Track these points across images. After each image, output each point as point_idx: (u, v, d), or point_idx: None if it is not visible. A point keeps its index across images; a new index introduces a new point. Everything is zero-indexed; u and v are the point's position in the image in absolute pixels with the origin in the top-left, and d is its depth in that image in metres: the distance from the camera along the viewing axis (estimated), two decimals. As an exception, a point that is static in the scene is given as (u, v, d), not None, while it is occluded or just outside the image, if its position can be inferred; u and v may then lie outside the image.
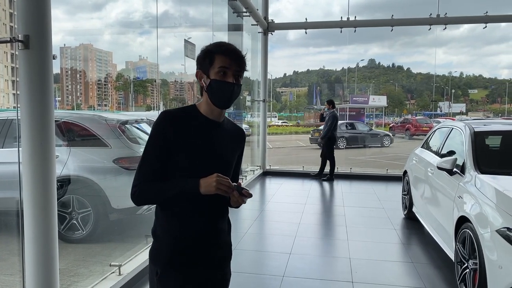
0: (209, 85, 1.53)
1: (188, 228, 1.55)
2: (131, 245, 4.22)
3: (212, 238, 1.60)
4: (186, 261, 1.55)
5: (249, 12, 7.43)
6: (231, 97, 1.53)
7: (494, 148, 4.33)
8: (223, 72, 1.51)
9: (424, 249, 4.54)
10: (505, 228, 2.70)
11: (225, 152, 1.61)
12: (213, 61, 1.51)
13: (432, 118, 31.05)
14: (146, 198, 1.55)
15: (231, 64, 1.51)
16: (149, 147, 1.53)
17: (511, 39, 73.50)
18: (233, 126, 1.72)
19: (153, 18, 4.45)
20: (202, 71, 1.55)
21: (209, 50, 1.53)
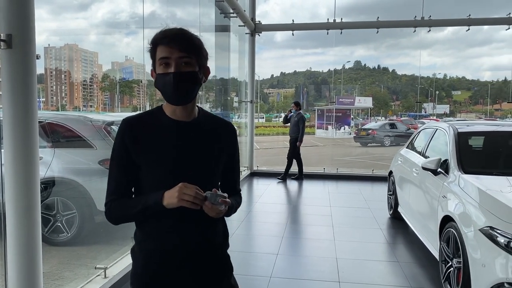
0: (155, 82, 1.35)
1: (161, 246, 1.38)
2: (117, 247, 4.17)
3: (195, 256, 1.41)
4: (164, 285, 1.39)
5: (236, 13, 7.43)
6: (177, 89, 1.31)
7: (477, 148, 4.42)
8: (165, 63, 1.31)
9: (410, 248, 4.59)
10: (488, 227, 2.75)
11: (198, 155, 1.39)
12: (155, 54, 1.33)
13: (417, 119, 31.49)
14: (117, 218, 1.39)
15: (172, 52, 1.30)
16: (112, 161, 1.39)
17: (493, 41, 75.19)
18: (213, 122, 1.49)
19: (140, 18, 4.42)
20: (152, 69, 1.38)
21: (151, 43, 1.34)
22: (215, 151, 1.44)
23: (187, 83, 1.33)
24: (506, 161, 4.03)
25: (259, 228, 5.46)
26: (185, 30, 1.35)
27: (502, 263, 2.58)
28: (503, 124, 5.28)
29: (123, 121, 1.40)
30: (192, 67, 1.33)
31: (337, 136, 24.23)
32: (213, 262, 1.46)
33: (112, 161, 1.39)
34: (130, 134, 1.37)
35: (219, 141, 1.46)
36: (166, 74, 1.30)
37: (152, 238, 1.39)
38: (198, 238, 1.40)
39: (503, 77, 55.17)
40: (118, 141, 1.38)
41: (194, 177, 1.34)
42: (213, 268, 1.46)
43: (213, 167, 1.45)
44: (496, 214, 2.81)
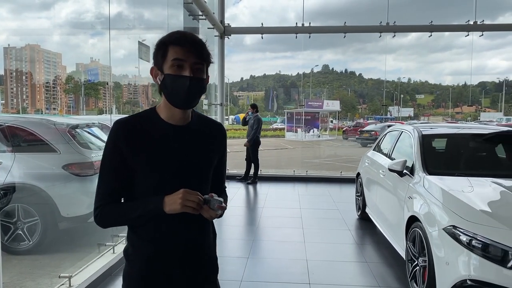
0: (163, 81, 1.32)
1: (161, 250, 1.38)
2: (83, 254, 4.04)
3: (190, 258, 1.43)
4: (160, 286, 1.40)
5: (205, 16, 7.38)
6: (189, 93, 1.30)
7: (440, 150, 4.57)
8: (178, 65, 1.29)
9: (377, 248, 4.69)
10: (451, 226, 2.85)
11: (195, 159, 1.40)
12: (167, 54, 1.30)
13: (383, 122, 32.36)
14: (109, 222, 1.37)
15: (188, 56, 1.29)
16: (103, 165, 1.36)
17: (454, 47, 78.70)
18: (207, 124, 1.50)
19: (106, 19, 4.31)
20: (156, 67, 1.35)
21: (162, 41, 1.32)
22: (209, 154, 1.46)
23: (198, 89, 1.34)
24: (467, 162, 4.20)
25: (229, 232, 5.43)
26: (200, 38, 1.36)
27: (464, 261, 2.68)
28: (464, 127, 5.50)
29: (116, 124, 1.36)
30: (203, 74, 1.35)
31: (307, 138, 24.54)
32: (205, 263, 1.49)
33: (104, 164, 1.36)
34: (124, 137, 1.33)
35: (212, 144, 1.48)
36: (181, 77, 1.29)
37: (148, 241, 1.38)
38: (193, 240, 1.42)
39: (463, 82, 57.69)
40: (110, 144, 1.34)
41: (190, 180, 1.36)
42: (205, 269, 1.49)
43: (208, 170, 1.46)
44: (459, 214, 2.91)
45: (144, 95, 9.51)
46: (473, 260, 2.64)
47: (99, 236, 4.45)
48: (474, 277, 2.60)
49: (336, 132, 28.60)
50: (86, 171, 4.39)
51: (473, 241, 2.67)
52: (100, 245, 4.14)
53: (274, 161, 16.43)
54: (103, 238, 4.28)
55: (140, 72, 6.77)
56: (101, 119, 6.26)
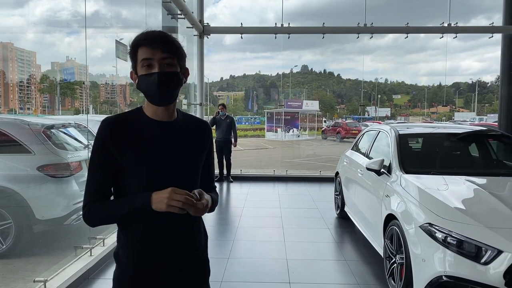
0: (138, 83, 1.37)
1: (151, 252, 1.38)
2: (59, 258, 3.95)
3: (181, 260, 1.43)
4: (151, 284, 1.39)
5: (184, 15, 7.32)
6: (160, 88, 1.33)
7: (416, 149, 4.67)
8: (148, 65, 1.33)
9: (356, 246, 4.76)
10: (427, 223, 2.92)
11: (183, 155, 1.42)
12: (137, 56, 1.35)
13: (361, 121, 32.83)
14: (98, 220, 1.36)
15: (154, 53, 1.32)
16: (92, 162, 1.37)
17: (429, 49, 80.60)
18: (193, 122, 1.52)
19: (82, 17, 4.21)
20: (134, 71, 1.39)
21: (131, 45, 1.36)
22: (197, 150, 1.49)
23: (171, 83, 1.35)
24: (442, 161, 4.30)
25: (209, 232, 5.38)
26: (165, 33, 1.38)
27: (440, 257, 2.75)
28: (439, 126, 5.63)
29: (103, 122, 1.38)
30: (174, 67, 1.36)
31: (286, 138, 24.66)
32: (197, 265, 1.50)
33: (92, 162, 1.37)
34: (112, 135, 1.35)
35: (199, 141, 1.50)
36: (150, 75, 1.32)
37: (138, 243, 1.38)
38: (184, 242, 1.43)
39: (438, 82, 59.10)
40: (98, 142, 1.36)
41: (179, 177, 1.39)
42: (196, 272, 1.50)
43: (196, 166, 1.49)
44: (434, 211, 2.98)
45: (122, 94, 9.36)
46: (448, 257, 2.70)
47: (76, 238, 4.35)
48: (449, 273, 2.67)
49: (316, 132, 28.84)
50: (62, 172, 4.29)
51: (448, 238, 2.74)
52: (77, 247, 4.05)
53: (254, 161, 16.45)
54: (80, 240, 4.20)
55: (117, 72, 6.67)
56: (78, 119, 6.14)
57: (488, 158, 4.49)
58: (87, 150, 4.76)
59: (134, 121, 1.39)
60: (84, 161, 4.57)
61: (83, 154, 4.69)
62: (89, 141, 5.07)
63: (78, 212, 4.33)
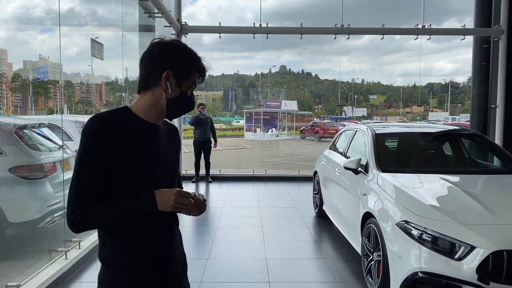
0: (178, 95, 1.41)
1: (145, 252, 1.40)
2: (32, 261, 3.83)
3: (170, 256, 1.48)
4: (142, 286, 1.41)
5: (161, 13, 7.24)
6: (183, 113, 1.50)
7: (392, 148, 4.76)
8: (192, 89, 1.45)
9: (334, 245, 4.81)
10: (404, 221, 2.98)
11: (168, 157, 1.48)
12: (190, 75, 1.42)
13: (338, 121, 33.23)
14: (90, 224, 1.31)
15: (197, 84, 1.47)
16: (82, 163, 1.30)
17: (404, 50, 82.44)
18: (167, 126, 1.57)
19: (56, 15, 4.10)
20: (174, 77, 1.39)
21: (191, 60, 1.43)
22: (175, 152, 1.56)
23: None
24: (417, 160, 4.40)
25: (188, 233, 5.36)
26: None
27: (416, 254, 2.81)
28: (414, 126, 5.76)
29: (93, 119, 1.33)
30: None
31: (265, 138, 24.70)
32: (179, 259, 1.57)
33: (81, 164, 1.30)
34: (102, 133, 1.31)
35: (174, 144, 1.57)
36: (190, 99, 1.45)
37: (130, 244, 1.39)
38: (168, 240, 1.49)
39: (413, 83, 60.43)
40: (89, 141, 1.30)
41: (167, 179, 1.45)
42: (181, 267, 1.57)
43: (177, 168, 1.57)
44: (410, 209, 3.05)
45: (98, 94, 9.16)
46: (424, 253, 2.77)
47: (50, 241, 4.24)
48: (425, 269, 2.73)
49: (294, 132, 29.02)
50: (35, 174, 4.17)
51: (424, 235, 2.81)
52: (51, 251, 3.95)
53: (233, 161, 16.42)
54: (54, 243, 4.09)
55: (93, 71, 6.53)
56: (52, 119, 5.98)
57: (461, 157, 4.62)
58: (62, 151, 4.65)
59: (123, 121, 1.37)
60: (59, 162, 4.46)
61: (58, 155, 4.57)
62: (63, 141, 4.94)
63: (53, 214, 4.22)
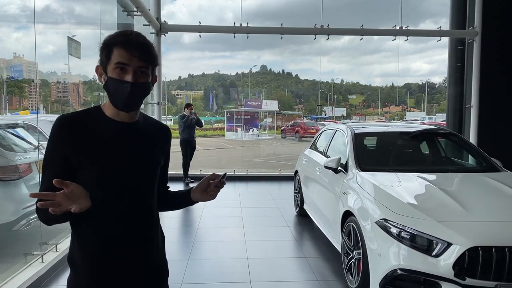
0: (106, 83, 1.32)
1: (108, 255, 1.34)
2: (7, 265, 3.72)
3: (140, 262, 1.40)
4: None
5: (140, 12, 7.14)
6: (130, 98, 1.30)
7: (371, 148, 4.83)
8: (121, 69, 1.28)
9: (315, 243, 4.85)
10: (383, 219, 3.02)
11: (143, 157, 1.40)
12: (111, 55, 1.29)
13: (318, 121, 33.54)
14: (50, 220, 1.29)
15: (132, 60, 1.27)
16: (45, 161, 1.30)
17: (382, 51, 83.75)
18: (154, 125, 1.51)
19: (32, 12, 4.00)
20: (101, 67, 1.33)
21: (107, 41, 1.30)
22: (156, 154, 1.46)
23: (140, 94, 1.33)
24: (396, 159, 4.47)
25: (169, 234, 5.31)
26: (145, 38, 1.33)
27: (395, 252, 2.86)
28: (392, 125, 5.86)
29: (59, 119, 1.32)
30: (147, 77, 1.33)
31: (246, 138, 24.71)
32: (155, 267, 1.48)
33: (46, 161, 1.31)
34: (68, 134, 1.29)
35: (159, 145, 1.49)
36: (123, 82, 1.28)
37: (95, 244, 1.34)
38: (141, 244, 1.41)
39: (391, 83, 61.55)
40: (54, 141, 1.30)
41: (136, 180, 1.37)
42: (155, 273, 1.47)
43: (156, 169, 1.46)
44: (389, 207, 3.10)
45: (75, 93, 8.97)
46: (402, 251, 2.82)
47: (26, 244, 4.13)
48: (404, 266, 2.78)
49: (275, 132, 29.13)
50: (9, 175, 4.05)
51: (402, 233, 2.86)
52: (27, 254, 3.84)
53: (214, 161, 16.35)
54: (30, 246, 3.98)
55: (70, 70, 6.39)
56: (27, 119, 5.82)
57: (438, 156, 4.72)
58: (38, 152, 4.53)
59: (93, 120, 1.34)
60: (34, 163, 4.34)
61: (33, 155, 4.46)
62: (39, 142, 4.82)
63: (29, 216, 4.11)
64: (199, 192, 1.57)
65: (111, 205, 1.33)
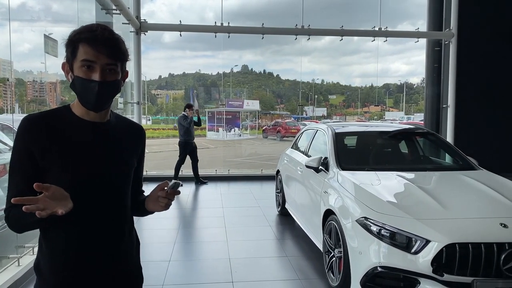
0: (72, 82, 1.25)
1: (77, 263, 1.28)
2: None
3: (111, 270, 1.35)
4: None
5: (119, 10, 7.04)
6: (98, 98, 1.24)
7: (351, 147, 4.89)
8: (88, 67, 1.21)
9: (297, 242, 4.87)
10: (363, 217, 3.06)
11: (116, 159, 1.34)
12: (76, 52, 1.21)
13: (299, 121, 33.73)
14: (19, 226, 1.25)
15: (98, 57, 1.20)
16: (12, 164, 1.24)
17: (362, 51, 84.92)
18: (127, 124, 1.45)
19: (6, 9, 3.90)
20: (67, 65, 1.26)
21: (71, 38, 1.23)
22: (128, 154, 1.41)
23: (109, 92, 1.26)
24: (375, 158, 4.54)
25: (150, 235, 5.25)
26: (112, 32, 1.26)
27: (375, 249, 2.90)
28: (372, 125, 5.94)
29: (24, 120, 1.25)
30: (116, 75, 1.27)
31: (228, 138, 24.64)
32: (128, 274, 1.42)
33: (12, 164, 1.25)
34: (34, 134, 1.23)
35: (132, 145, 1.43)
36: (90, 81, 1.21)
37: (61, 253, 1.27)
38: (113, 251, 1.35)
39: (370, 83, 62.46)
40: (19, 142, 1.24)
41: (108, 182, 1.31)
42: (128, 280, 1.42)
43: (129, 171, 1.41)
44: (369, 206, 3.14)
45: (52, 93, 8.76)
46: (382, 248, 2.86)
47: (1, 248, 4.01)
48: (384, 264, 2.82)
49: (257, 131, 29.15)
50: (-17, 177, 3.93)
51: (382, 231, 2.90)
52: (2, 258, 3.73)
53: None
54: (5, 250, 3.87)
55: (47, 69, 6.25)
56: (2, 119, 5.66)
57: (416, 155, 4.81)
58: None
59: (60, 120, 1.28)
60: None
61: (8, 156, 4.33)
62: (15, 142, 4.69)
63: (3, 219, 3.99)
64: (151, 201, 1.46)
65: (83, 209, 1.26)
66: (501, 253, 2.66)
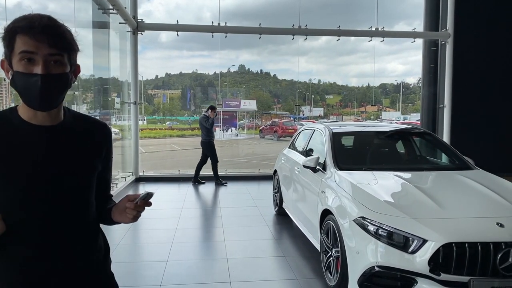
0: (12, 79, 1.10)
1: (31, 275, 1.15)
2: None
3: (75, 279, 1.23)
4: None
5: (116, 10, 7.03)
6: (43, 94, 1.08)
7: (348, 147, 4.90)
8: (28, 59, 1.07)
9: (294, 242, 4.88)
10: (360, 217, 3.07)
11: (72, 166, 1.19)
12: (13, 45, 1.07)
13: (296, 121, 33.75)
14: None
15: (39, 47, 1.06)
16: None
17: (359, 51, 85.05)
18: (86, 125, 1.28)
19: (3, 9, 3.88)
20: (6, 61, 1.12)
21: (6, 29, 1.08)
22: (90, 158, 1.26)
23: (57, 87, 1.11)
24: (372, 158, 4.55)
25: (147, 235, 5.24)
26: (54, 20, 1.12)
27: (372, 249, 2.90)
28: (369, 125, 5.96)
29: None
30: (63, 67, 1.12)
31: (225, 137, 24.64)
32: (95, 284, 1.31)
33: None
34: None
35: (93, 146, 1.28)
36: (30, 75, 1.07)
37: (14, 267, 1.15)
38: (74, 261, 1.23)
39: (367, 83, 62.56)
40: None
41: (66, 190, 1.18)
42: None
43: (89, 177, 1.26)
44: (366, 205, 3.15)
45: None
46: (380, 248, 2.87)
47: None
48: (381, 263, 2.83)
49: (254, 131, 29.16)
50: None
51: (380, 230, 2.91)
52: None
53: (193, 161, 16.18)
54: None
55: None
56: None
57: (413, 154, 4.83)
58: None
59: (5, 125, 1.15)
60: None
61: None
62: None
63: None
64: (117, 212, 1.33)
65: (33, 225, 1.14)
66: (497, 253, 2.67)
